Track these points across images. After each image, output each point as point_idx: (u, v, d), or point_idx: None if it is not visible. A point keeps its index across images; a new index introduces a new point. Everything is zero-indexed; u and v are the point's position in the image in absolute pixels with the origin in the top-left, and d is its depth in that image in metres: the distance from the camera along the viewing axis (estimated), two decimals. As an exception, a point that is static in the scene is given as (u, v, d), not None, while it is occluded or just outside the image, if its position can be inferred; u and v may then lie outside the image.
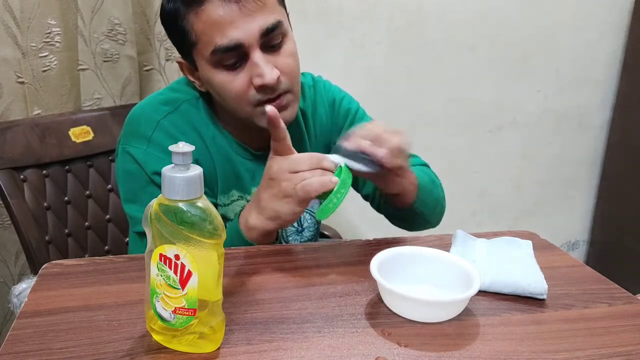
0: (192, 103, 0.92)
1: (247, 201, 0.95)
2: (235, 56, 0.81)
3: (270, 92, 0.83)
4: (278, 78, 0.82)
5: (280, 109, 0.85)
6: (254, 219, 0.79)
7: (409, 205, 0.90)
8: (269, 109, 0.74)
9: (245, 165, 0.95)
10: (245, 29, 0.79)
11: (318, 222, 1.07)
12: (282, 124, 0.76)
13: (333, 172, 0.74)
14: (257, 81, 0.81)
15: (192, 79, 0.91)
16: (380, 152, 0.73)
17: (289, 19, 0.88)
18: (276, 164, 0.76)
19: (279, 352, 0.57)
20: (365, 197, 1.06)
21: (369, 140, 0.75)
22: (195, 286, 0.54)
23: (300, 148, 0.98)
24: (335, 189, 0.71)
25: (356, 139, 0.75)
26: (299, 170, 0.74)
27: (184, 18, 0.81)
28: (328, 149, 1.02)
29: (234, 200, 0.95)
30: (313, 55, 1.14)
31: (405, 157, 0.80)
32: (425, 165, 1.06)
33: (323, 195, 0.73)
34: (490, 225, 1.94)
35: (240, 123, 0.92)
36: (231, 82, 0.83)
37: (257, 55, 0.81)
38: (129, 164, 0.87)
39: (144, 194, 0.86)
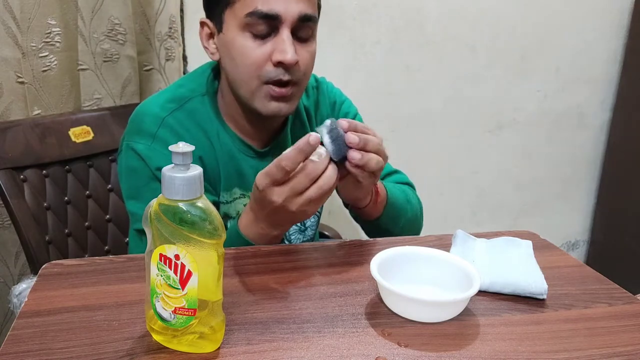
0: (199, 100, 0.93)
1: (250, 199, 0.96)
2: (267, 26, 0.83)
3: (283, 73, 0.84)
4: (297, 63, 0.84)
5: (283, 98, 0.87)
6: (265, 229, 0.79)
7: (374, 219, 0.91)
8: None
9: (248, 162, 0.95)
10: (288, 6, 0.82)
11: (318, 219, 1.07)
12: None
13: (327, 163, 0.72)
14: (278, 56, 0.83)
15: (206, 44, 0.92)
16: (357, 155, 0.73)
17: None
18: (277, 196, 0.72)
19: (279, 352, 0.57)
20: (345, 204, 1.06)
21: (361, 137, 0.74)
22: (195, 286, 0.54)
23: None
24: None
25: (354, 125, 0.75)
26: (302, 190, 0.71)
27: None
28: None
29: (236, 198, 0.95)
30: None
31: (372, 179, 0.79)
32: (410, 184, 1.06)
33: None
34: (490, 225, 1.94)
35: (244, 116, 0.92)
36: (252, 50, 0.84)
37: (286, 33, 0.83)
38: (132, 160, 0.88)
39: (146, 190, 0.87)
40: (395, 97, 1.71)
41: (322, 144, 0.72)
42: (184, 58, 1.47)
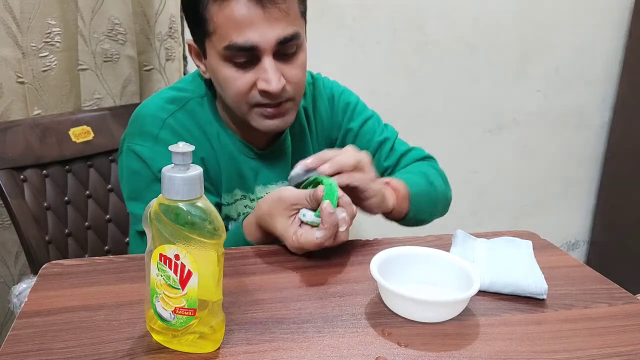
0: (198, 101, 0.92)
1: (251, 200, 0.95)
2: (247, 56, 0.82)
3: (271, 99, 0.84)
4: (283, 87, 0.83)
5: (279, 115, 0.86)
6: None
7: (405, 216, 0.91)
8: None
9: (248, 164, 0.95)
10: (263, 34, 0.79)
11: None
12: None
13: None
14: (262, 85, 0.82)
15: (198, 63, 0.91)
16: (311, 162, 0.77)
17: (305, 30, 0.88)
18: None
19: (279, 352, 0.57)
20: None
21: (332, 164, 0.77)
22: (195, 286, 0.54)
23: (303, 144, 1.00)
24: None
25: (318, 159, 0.78)
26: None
27: (206, 7, 0.81)
28: (329, 145, 1.03)
29: (238, 200, 0.95)
30: (313, 54, 1.14)
31: (372, 186, 0.80)
32: (428, 157, 1.05)
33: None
34: (490, 225, 1.94)
35: (241, 124, 0.92)
36: (236, 80, 0.83)
37: (268, 61, 0.81)
38: (134, 163, 0.87)
39: (148, 192, 0.86)
40: (395, 96, 1.71)
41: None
42: (184, 58, 1.47)
